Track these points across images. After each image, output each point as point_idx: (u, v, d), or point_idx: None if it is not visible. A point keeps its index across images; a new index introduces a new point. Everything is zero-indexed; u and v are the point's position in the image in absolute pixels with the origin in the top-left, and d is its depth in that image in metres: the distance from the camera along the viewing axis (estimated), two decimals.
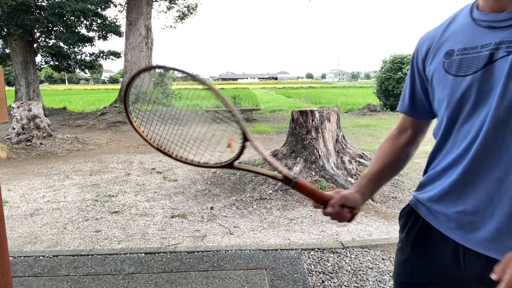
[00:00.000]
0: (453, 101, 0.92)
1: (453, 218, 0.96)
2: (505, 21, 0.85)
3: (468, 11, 0.95)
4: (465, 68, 0.90)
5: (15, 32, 13.23)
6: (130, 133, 10.39)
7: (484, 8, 0.90)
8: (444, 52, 0.95)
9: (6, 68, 24.12)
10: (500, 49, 0.84)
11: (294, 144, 5.09)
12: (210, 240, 3.36)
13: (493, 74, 0.85)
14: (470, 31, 0.92)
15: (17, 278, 2.64)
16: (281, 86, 57.89)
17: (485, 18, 0.89)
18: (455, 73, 0.91)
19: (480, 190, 0.90)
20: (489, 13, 0.88)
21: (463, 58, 0.91)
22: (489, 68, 0.85)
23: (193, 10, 18.47)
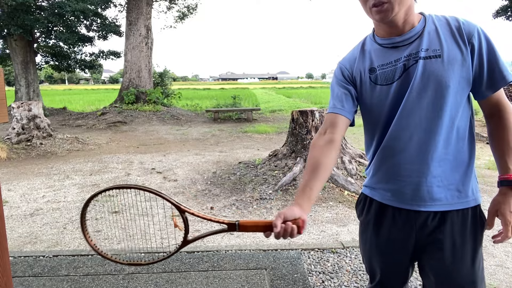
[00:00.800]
0: (387, 102, 1.27)
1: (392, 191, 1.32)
2: (404, 41, 1.24)
3: (371, 39, 1.33)
4: (389, 78, 1.26)
5: (15, 32, 13.23)
6: (130, 133, 10.40)
7: (383, 34, 1.28)
8: (368, 70, 1.30)
9: (6, 68, 24.10)
10: (409, 60, 1.22)
11: (294, 144, 5.09)
12: (210, 240, 3.36)
13: (410, 76, 1.22)
14: (381, 52, 1.28)
15: (17, 278, 2.64)
16: (281, 86, 57.88)
17: (388, 42, 1.27)
18: (382, 83, 1.27)
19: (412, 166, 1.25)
20: (389, 37, 1.26)
21: (384, 71, 1.27)
22: (406, 73, 1.23)
23: (193, 10, 18.47)
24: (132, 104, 14.01)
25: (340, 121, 1.32)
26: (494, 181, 5.08)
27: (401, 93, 1.24)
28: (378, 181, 1.35)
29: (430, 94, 1.20)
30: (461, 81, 1.20)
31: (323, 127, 1.34)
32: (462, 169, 1.25)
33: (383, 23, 1.23)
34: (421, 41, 1.22)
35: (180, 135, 10.01)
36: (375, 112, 1.31)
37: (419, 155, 1.24)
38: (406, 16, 1.21)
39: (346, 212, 3.98)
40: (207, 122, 12.67)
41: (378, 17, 1.19)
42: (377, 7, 1.17)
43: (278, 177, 4.75)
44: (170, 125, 11.85)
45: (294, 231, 1.08)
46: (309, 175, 1.22)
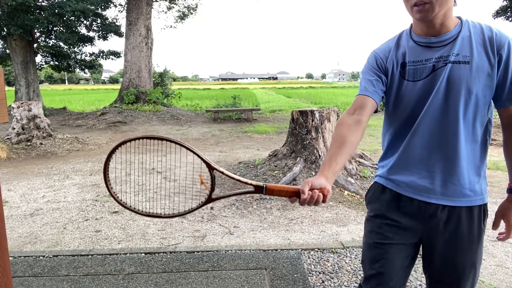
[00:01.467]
0: (412, 98, 1.34)
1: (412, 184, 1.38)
2: (438, 43, 1.31)
3: (408, 35, 1.39)
4: (417, 75, 1.33)
5: (15, 32, 13.22)
6: (130, 133, 10.40)
7: (420, 33, 1.34)
8: (400, 64, 1.37)
9: (6, 68, 24.09)
10: (439, 62, 1.29)
11: (294, 144, 5.08)
12: (210, 240, 3.36)
13: (436, 78, 1.30)
14: (415, 49, 1.35)
15: (17, 278, 2.64)
16: (281, 86, 57.87)
17: (424, 40, 1.33)
18: (411, 79, 1.34)
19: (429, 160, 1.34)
20: (426, 36, 1.32)
21: (414, 68, 1.34)
22: (433, 74, 1.30)
23: (193, 10, 18.46)
24: (132, 104, 14.01)
25: (369, 103, 1.37)
26: (494, 180, 5.09)
27: (426, 92, 1.31)
28: (395, 172, 1.42)
29: (453, 98, 1.27)
30: (484, 89, 1.26)
31: (352, 107, 1.39)
32: (475, 170, 1.33)
33: (422, 22, 1.28)
34: (454, 45, 1.28)
35: (180, 135, 10.01)
36: (400, 106, 1.38)
37: (438, 153, 1.32)
38: (444, 18, 1.27)
39: (346, 212, 3.98)
40: (207, 122, 12.67)
41: (419, 16, 1.25)
42: (418, 6, 1.23)
43: (278, 177, 4.75)
44: (170, 125, 11.85)
45: (320, 199, 1.14)
46: (335, 150, 1.27)
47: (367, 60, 1.48)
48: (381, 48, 1.45)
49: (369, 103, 1.37)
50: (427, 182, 1.35)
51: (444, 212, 1.34)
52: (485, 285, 2.56)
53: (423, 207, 1.36)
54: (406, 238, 1.39)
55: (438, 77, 1.28)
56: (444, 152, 1.31)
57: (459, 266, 1.35)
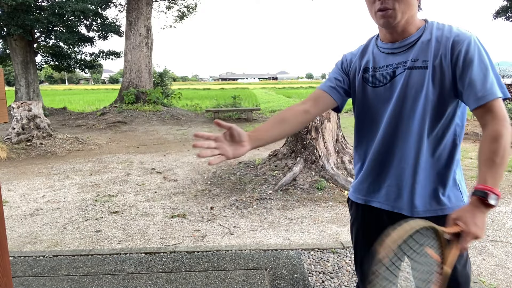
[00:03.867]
0: (373, 105, 1.34)
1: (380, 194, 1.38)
2: (399, 48, 1.29)
3: (374, 42, 1.39)
4: (378, 81, 1.33)
5: (15, 32, 13.23)
6: (130, 133, 10.40)
7: (384, 39, 1.34)
8: (362, 69, 1.38)
9: (6, 68, 24.09)
10: (399, 67, 1.28)
11: (294, 144, 5.09)
12: (210, 240, 3.36)
13: (396, 84, 1.28)
14: (377, 55, 1.35)
15: (17, 278, 2.64)
16: (281, 86, 57.87)
17: (385, 46, 1.33)
18: (372, 85, 1.34)
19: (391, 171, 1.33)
20: (388, 43, 1.32)
21: (375, 74, 1.34)
22: (393, 80, 1.29)
23: (193, 10, 18.47)
24: (132, 104, 14.01)
25: (324, 99, 1.40)
26: None
27: (387, 99, 1.31)
28: (363, 182, 1.42)
29: (411, 105, 1.25)
30: (443, 93, 1.22)
31: (307, 98, 1.42)
32: (440, 178, 1.28)
33: (385, 28, 1.28)
34: (412, 50, 1.26)
35: (180, 135, 10.01)
36: (363, 111, 1.40)
37: (400, 162, 1.30)
38: (406, 24, 1.26)
39: (346, 212, 3.98)
40: (207, 122, 12.67)
41: (382, 22, 1.24)
42: (382, 12, 1.22)
43: (278, 177, 4.75)
44: (170, 125, 11.85)
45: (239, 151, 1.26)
46: (271, 123, 1.32)
47: (337, 63, 1.50)
48: (350, 52, 1.48)
49: (323, 98, 1.40)
50: (394, 193, 1.32)
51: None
52: (485, 285, 2.56)
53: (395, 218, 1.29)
54: None
55: (397, 84, 1.27)
56: (407, 161, 1.28)
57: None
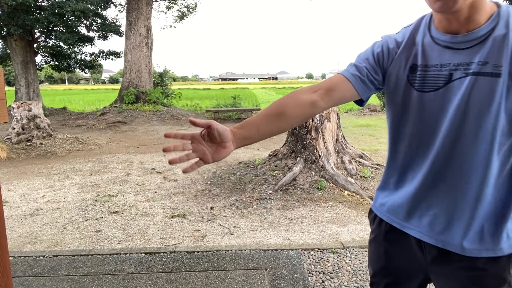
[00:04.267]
0: (415, 113, 1.04)
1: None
2: (461, 43, 0.96)
3: (425, 27, 1.04)
4: (428, 85, 1.01)
5: (15, 32, 13.22)
6: (130, 133, 10.40)
7: (440, 27, 0.99)
8: (409, 66, 1.04)
9: (6, 68, 24.09)
10: (458, 70, 0.96)
11: (294, 144, 5.09)
12: (210, 240, 3.36)
13: (451, 92, 0.97)
14: (431, 48, 1.01)
15: (17, 278, 2.64)
16: (281, 86, 57.90)
17: (443, 38, 0.99)
18: (419, 88, 1.02)
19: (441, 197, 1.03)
20: (446, 34, 0.98)
21: (425, 74, 1.01)
22: (448, 86, 0.97)
23: (193, 10, 18.47)
24: (132, 104, 14.01)
25: (344, 88, 1.07)
26: None
27: (437, 109, 0.99)
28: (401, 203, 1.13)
29: (476, 120, 0.94)
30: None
31: (319, 84, 1.08)
32: (503, 211, 0.99)
33: (442, 13, 0.96)
34: (481, 49, 0.93)
35: None
36: (405, 120, 1.07)
37: (453, 189, 1.01)
38: (472, 11, 0.93)
39: (346, 212, 3.98)
40: None
41: (437, 6, 0.92)
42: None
43: (278, 177, 4.75)
44: (170, 125, 11.85)
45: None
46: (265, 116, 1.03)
47: (373, 44, 1.14)
48: (393, 37, 1.10)
49: (342, 87, 1.07)
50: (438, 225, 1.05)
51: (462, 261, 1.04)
52: None
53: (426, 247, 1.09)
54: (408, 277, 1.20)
55: (455, 91, 0.95)
56: (460, 190, 0.99)
57: None
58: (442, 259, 1.06)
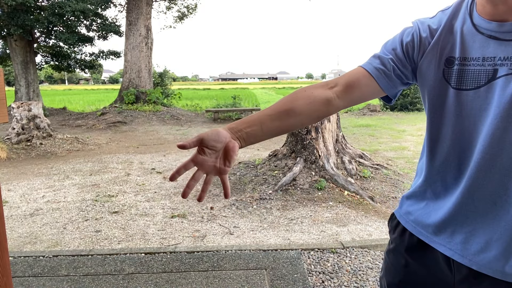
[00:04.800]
0: (451, 112, 0.89)
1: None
2: (510, 33, 0.79)
3: (466, 12, 0.88)
4: (467, 82, 0.86)
5: (15, 32, 13.22)
6: (130, 133, 10.40)
7: (483, 14, 0.83)
8: (445, 59, 0.89)
9: (6, 68, 24.10)
10: (504, 66, 0.80)
11: (294, 144, 5.09)
12: (210, 240, 3.36)
13: (495, 91, 0.81)
14: (472, 38, 0.85)
15: (17, 278, 2.64)
16: (281, 86, 57.92)
17: (487, 26, 0.82)
18: (456, 86, 0.87)
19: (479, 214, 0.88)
20: (492, 21, 0.82)
21: (464, 69, 0.86)
22: (492, 84, 0.82)
23: (193, 10, 18.47)
24: (132, 104, 14.01)
25: (365, 85, 0.94)
26: None
27: (477, 109, 0.85)
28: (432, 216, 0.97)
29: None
30: None
31: (337, 79, 0.96)
32: None
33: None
34: None
35: (180, 135, 10.01)
36: (441, 119, 0.92)
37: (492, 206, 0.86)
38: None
39: (346, 212, 3.98)
40: (207, 122, 12.67)
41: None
42: None
43: (278, 177, 4.75)
44: (170, 125, 11.85)
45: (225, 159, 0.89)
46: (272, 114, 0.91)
47: (402, 31, 0.97)
48: (426, 23, 0.94)
49: (363, 83, 0.94)
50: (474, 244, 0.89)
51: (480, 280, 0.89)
52: None
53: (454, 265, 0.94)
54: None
55: (500, 91, 0.80)
56: (503, 209, 0.84)
57: None
58: (475, 280, 0.90)
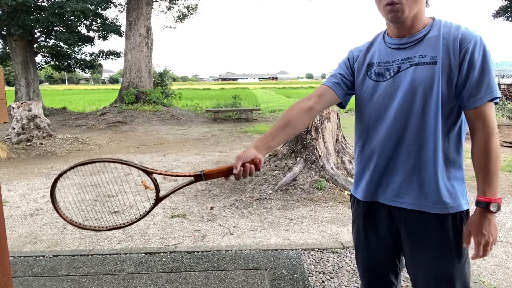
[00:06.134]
0: (372, 99, 1.35)
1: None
2: (406, 44, 1.31)
3: (381, 37, 1.40)
4: (381, 76, 1.34)
5: (15, 32, 13.22)
6: (130, 133, 10.40)
7: (391, 34, 1.35)
8: (367, 64, 1.39)
9: (6, 68, 24.09)
10: (404, 63, 1.29)
11: (294, 144, 5.08)
12: (210, 240, 3.36)
13: (400, 79, 1.29)
14: (384, 50, 1.36)
15: (17, 278, 2.64)
16: (281, 86, 57.89)
17: (392, 42, 1.34)
18: (375, 79, 1.36)
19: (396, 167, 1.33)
20: (395, 38, 1.33)
21: (379, 69, 1.35)
22: (397, 75, 1.30)
23: (193, 11, 18.46)
24: (132, 104, 14.01)
25: (328, 94, 1.42)
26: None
27: (390, 94, 1.31)
28: (367, 178, 1.41)
29: (417, 100, 1.25)
30: (449, 90, 1.23)
31: (311, 94, 1.43)
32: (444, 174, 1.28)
33: (393, 23, 1.29)
34: (419, 46, 1.27)
35: (180, 135, 10.01)
36: (365, 106, 1.39)
37: (409, 158, 1.30)
38: (414, 20, 1.27)
39: (346, 212, 3.98)
40: (207, 122, 12.67)
41: (390, 16, 1.25)
42: (390, 6, 1.23)
43: (278, 177, 4.74)
44: (170, 125, 11.85)
45: (252, 170, 1.24)
46: (277, 127, 1.34)
47: (346, 57, 1.52)
48: (357, 48, 1.48)
49: (327, 93, 1.41)
50: (401, 189, 1.32)
51: (413, 216, 1.32)
52: (485, 285, 2.55)
53: (397, 213, 1.36)
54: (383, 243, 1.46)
55: (402, 79, 1.28)
56: (414, 157, 1.28)
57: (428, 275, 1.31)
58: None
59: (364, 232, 1.46)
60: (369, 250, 1.47)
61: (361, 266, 1.53)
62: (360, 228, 1.47)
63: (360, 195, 1.44)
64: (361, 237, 1.48)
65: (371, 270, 1.50)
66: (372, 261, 1.47)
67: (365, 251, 1.48)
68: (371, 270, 1.50)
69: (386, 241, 1.41)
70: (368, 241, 1.46)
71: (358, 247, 1.52)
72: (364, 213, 1.44)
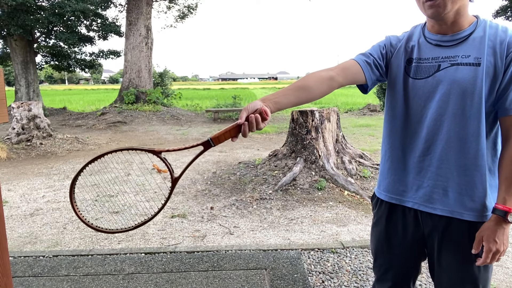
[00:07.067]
0: (409, 97, 1.30)
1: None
2: (448, 41, 1.25)
3: (420, 30, 1.33)
4: (421, 73, 1.28)
5: (15, 32, 13.22)
6: (130, 133, 10.40)
7: (432, 30, 1.28)
8: (406, 59, 1.32)
9: (6, 68, 24.10)
10: (445, 62, 1.23)
11: (294, 144, 5.08)
12: (210, 240, 3.36)
13: (440, 78, 1.23)
14: (425, 46, 1.30)
15: (17, 278, 2.64)
16: (281, 86, 57.86)
17: (434, 38, 1.28)
18: (413, 76, 1.29)
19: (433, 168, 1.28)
20: (437, 34, 1.27)
21: (419, 65, 1.29)
22: (437, 74, 1.24)
23: (193, 10, 18.46)
24: (132, 104, 14.01)
25: (354, 70, 1.30)
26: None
27: (428, 93, 1.25)
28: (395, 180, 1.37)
29: (456, 101, 1.20)
30: (490, 94, 1.19)
31: (336, 65, 1.33)
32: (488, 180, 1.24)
33: (434, 19, 1.23)
34: (463, 46, 1.22)
35: (180, 135, 10.01)
36: (400, 104, 1.32)
37: (444, 163, 1.24)
38: (457, 16, 1.21)
39: (346, 212, 3.98)
40: (207, 122, 12.67)
41: (430, 12, 1.19)
42: (430, 1, 1.17)
43: (278, 177, 4.74)
44: (170, 125, 11.85)
45: (258, 120, 1.13)
46: (290, 87, 1.23)
47: (382, 40, 1.41)
48: (395, 36, 1.39)
49: (353, 69, 1.30)
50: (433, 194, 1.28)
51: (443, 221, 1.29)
52: None
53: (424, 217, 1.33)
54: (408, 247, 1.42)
55: (442, 78, 1.22)
56: (446, 159, 1.24)
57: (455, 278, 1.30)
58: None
59: (386, 236, 1.42)
60: (390, 254, 1.42)
61: (380, 270, 1.48)
62: (382, 230, 1.43)
63: (384, 195, 1.41)
64: (383, 240, 1.44)
65: (391, 274, 1.45)
66: (393, 265, 1.43)
67: (387, 255, 1.44)
68: (391, 275, 1.45)
69: (410, 246, 1.38)
70: (390, 245, 1.41)
71: (378, 250, 1.47)
72: (387, 215, 1.41)
